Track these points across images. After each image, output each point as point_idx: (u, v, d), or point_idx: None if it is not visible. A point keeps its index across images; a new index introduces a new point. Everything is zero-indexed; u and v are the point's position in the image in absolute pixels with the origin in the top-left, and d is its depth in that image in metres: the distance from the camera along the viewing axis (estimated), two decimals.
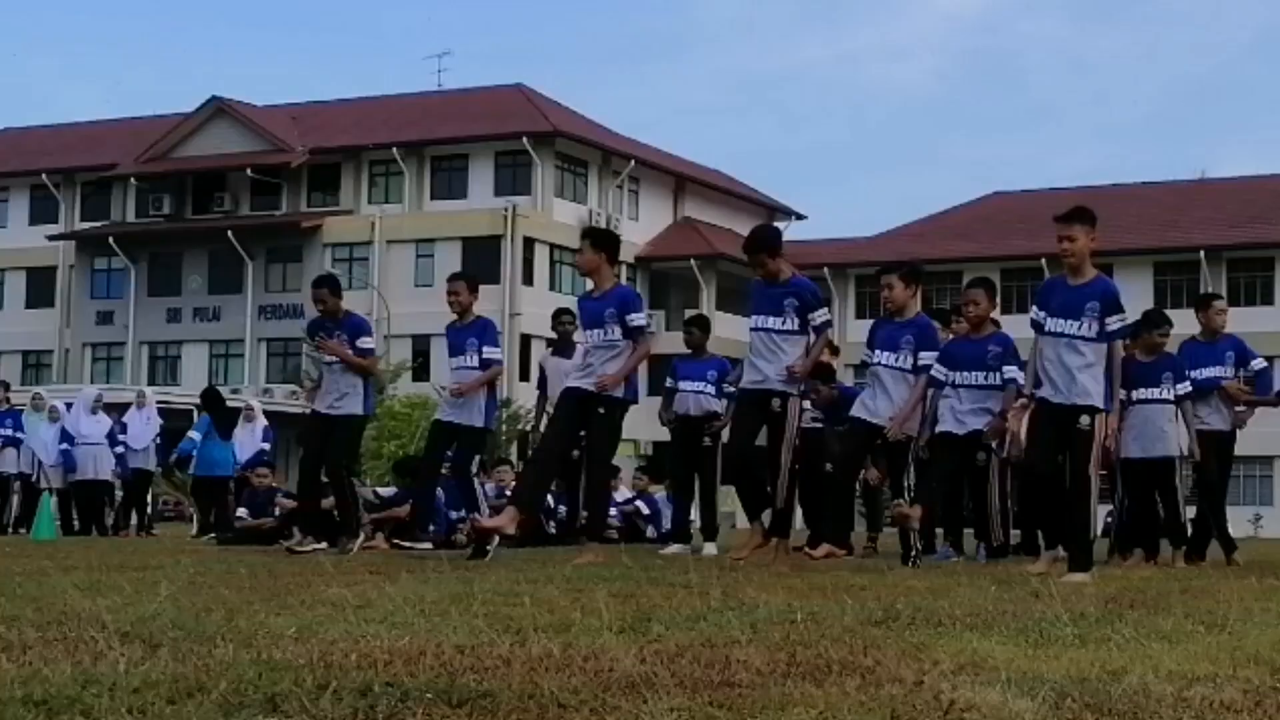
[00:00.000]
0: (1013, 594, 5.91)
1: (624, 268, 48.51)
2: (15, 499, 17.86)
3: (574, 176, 48.29)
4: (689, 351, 12.39)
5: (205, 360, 48.58)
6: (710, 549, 11.59)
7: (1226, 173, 58.55)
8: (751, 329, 9.13)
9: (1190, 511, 11.07)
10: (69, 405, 18.40)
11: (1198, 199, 50.76)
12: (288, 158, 48.53)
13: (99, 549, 10.96)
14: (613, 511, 16.09)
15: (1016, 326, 12.43)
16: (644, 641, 3.72)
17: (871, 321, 10.13)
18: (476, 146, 47.48)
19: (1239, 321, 11.17)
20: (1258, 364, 10.91)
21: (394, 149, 47.41)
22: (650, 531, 15.38)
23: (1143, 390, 10.70)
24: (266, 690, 2.70)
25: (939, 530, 11.62)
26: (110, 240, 49.71)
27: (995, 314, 11.91)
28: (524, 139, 45.82)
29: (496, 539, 9.40)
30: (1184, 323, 11.60)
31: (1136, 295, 41.13)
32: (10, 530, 17.15)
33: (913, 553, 9.04)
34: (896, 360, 9.07)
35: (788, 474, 9.03)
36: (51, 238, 51.10)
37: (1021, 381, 8.44)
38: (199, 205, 50.30)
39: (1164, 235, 48.35)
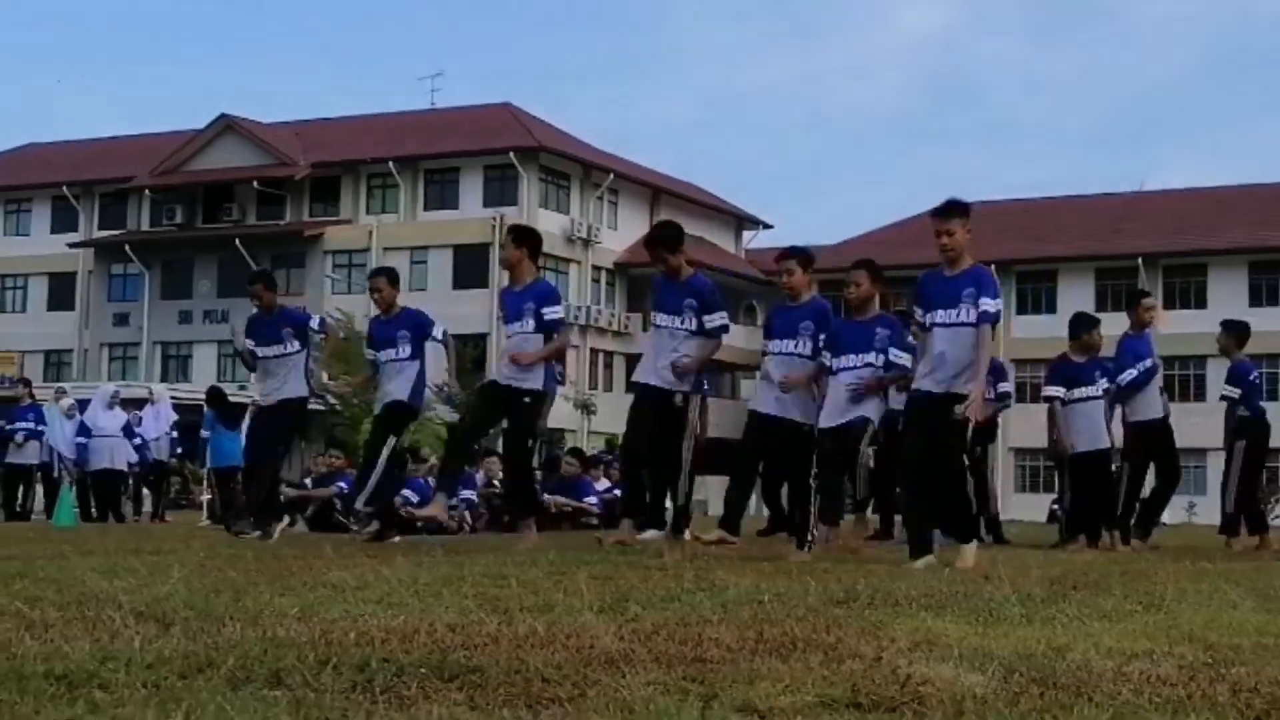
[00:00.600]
0: (964, 577, 5.93)
1: (604, 273, 48.64)
2: (38, 488, 17.91)
3: (557, 189, 48.21)
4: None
5: (214, 359, 48.30)
6: (652, 533, 11.66)
7: (1164, 185, 58.84)
8: (653, 325, 8.48)
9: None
10: (86, 402, 18.40)
11: (1137, 209, 50.96)
12: (291, 171, 48.43)
13: (115, 535, 10.91)
14: (593, 500, 16.13)
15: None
16: (622, 621, 3.72)
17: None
18: (466, 161, 47.38)
19: (1180, 324, 11.20)
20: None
21: (390, 163, 47.30)
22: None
23: (1081, 389, 10.77)
24: (271, 666, 2.70)
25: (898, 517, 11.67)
26: (126, 248, 49.55)
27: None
28: (510, 154, 45.75)
29: (396, 536, 9.38)
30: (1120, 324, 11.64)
31: (1079, 299, 41.52)
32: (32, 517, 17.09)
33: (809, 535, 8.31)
34: (796, 347, 8.18)
35: (687, 471, 8.32)
36: (72, 245, 50.86)
37: (909, 367, 7.86)
38: (209, 215, 50.13)
39: (1105, 243, 48.54)
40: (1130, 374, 10.55)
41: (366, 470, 9.59)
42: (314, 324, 10.29)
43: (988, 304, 7.03)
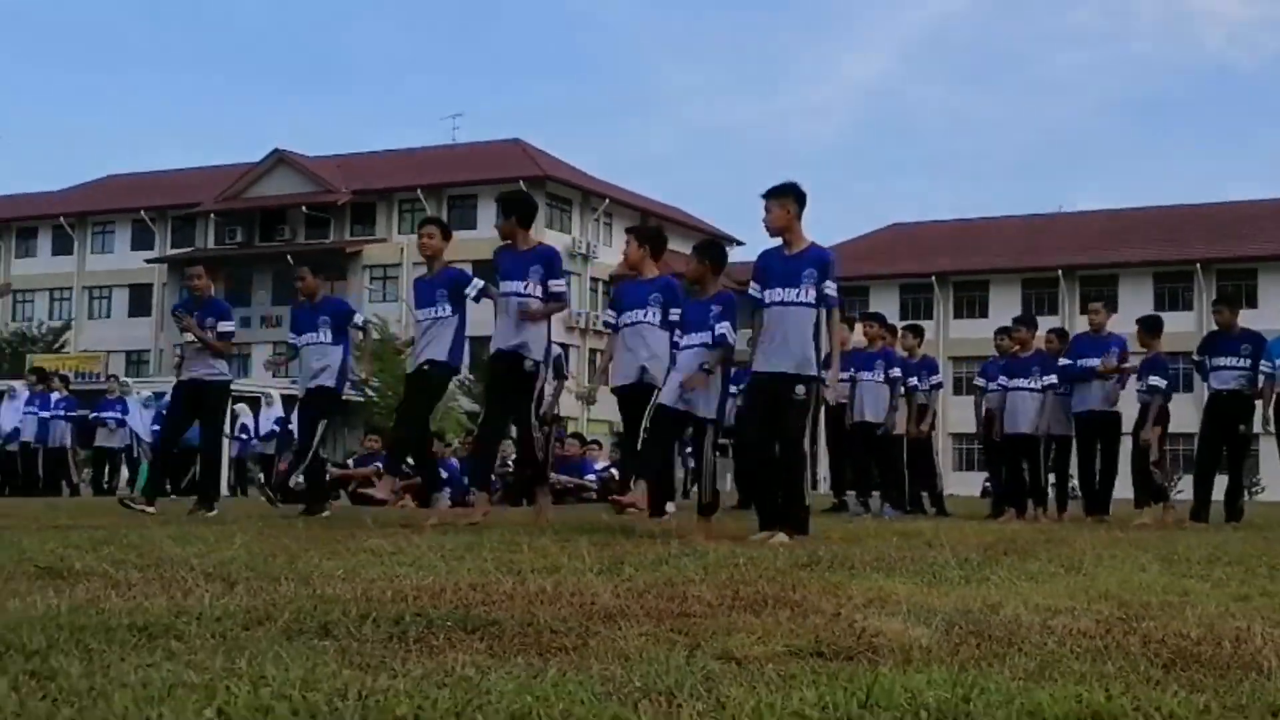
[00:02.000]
0: (911, 544, 5.92)
1: (600, 284, 48.60)
2: (124, 468, 18.01)
3: (561, 212, 48.17)
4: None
5: (271, 356, 48.34)
6: (670, 507, 11.49)
7: (1079, 207, 58.87)
8: (502, 294, 7.41)
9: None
10: (163, 393, 18.46)
11: (1056, 228, 51.01)
12: (335, 197, 48.42)
13: (186, 507, 10.88)
14: (592, 476, 16.11)
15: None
16: (618, 580, 3.71)
17: None
18: (483, 188, 47.28)
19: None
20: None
21: (418, 190, 47.35)
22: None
23: (1017, 380, 10.79)
24: (320, 619, 2.69)
25: (850, 491, 11.69)
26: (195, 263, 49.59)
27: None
28: (520, 182, 45.59)
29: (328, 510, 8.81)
30: (1043, 328, 11.66)
31: (1007, 306, 41.52)
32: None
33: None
34: (646, 316, 7.56)
35: (542, 435, 7.70)
36: (149, 261, 50.82)
37: (732, 340, 6.74)
38: (264, 235, 50.07)
39: (1029, 257, 48.60)
40: (1051, 378, 10.66)
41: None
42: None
43: (830, 288, 6.26)
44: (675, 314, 7.52)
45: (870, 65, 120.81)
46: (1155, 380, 10.26)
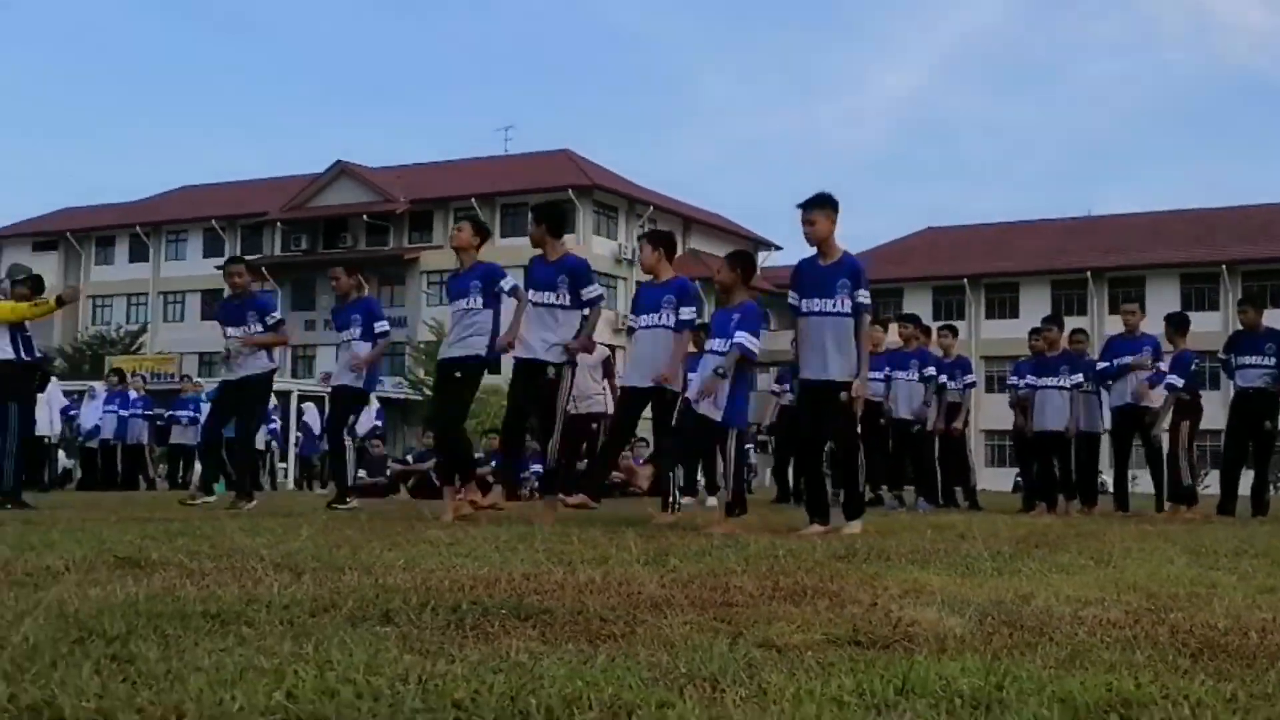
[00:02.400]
0: (945, 536, 5.87)
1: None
2: (197, 464, 18.15)
3: (607, 219, 48.21)
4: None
5: (333, 359, 48.61)
6: (712, 501, 11.43)
7: (1107, 211, 58.18)
8: (531, 303, 7.27)
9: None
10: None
11: (1085, 231, 50.42)
12: (394, 206, 48.72)
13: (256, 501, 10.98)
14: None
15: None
16: (664, 571, 3.71)
17: None
18: (533, 196, 47.22)
19: (1120, 327, 11.05)
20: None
21: (472, 199, 47.44)
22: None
23: (1046, 379, 10.68)
24: (382, 607, 2.71)
25: (884, 486, 11.61)
26: (263, 269, 49.86)
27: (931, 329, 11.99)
28: (569, 191, 45.81)
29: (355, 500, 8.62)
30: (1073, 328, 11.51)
31: (1038, 307, 41.05)
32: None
33: (671, 500, 7.71)
34: (660, 320, 7.25)
35: (559, 436, 7.31)
36: (219, 267, 51.15)
37: (751, 348, 6.50)
38: (328, 243, 50.43)
39: (1058, 260, 48.02)
40: (1078, 377, 10.57)
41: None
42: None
43: (862, 295, 6.27)
44: (687, 313, 7.26)
45: (906, 76, 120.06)
46: (1173, 379, 10.16)
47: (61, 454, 18.92)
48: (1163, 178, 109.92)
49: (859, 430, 6.65)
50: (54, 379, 19.51)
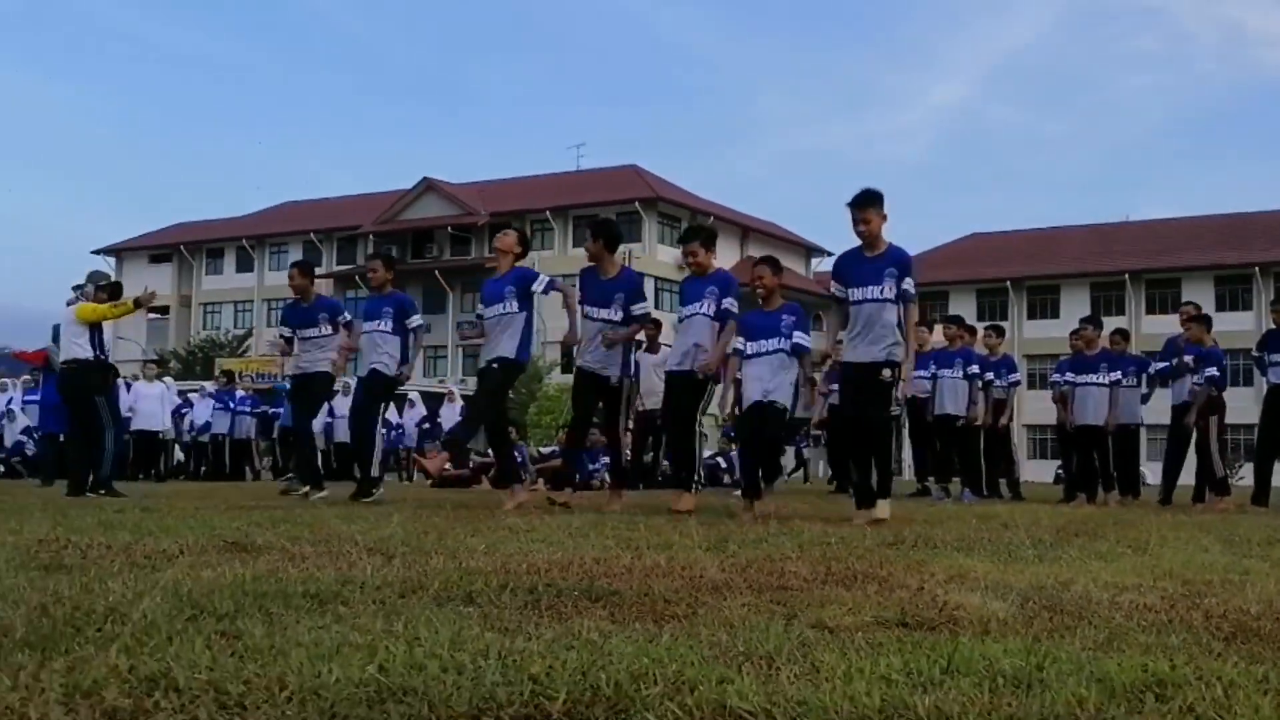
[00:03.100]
0: (988, 525, 5.79)
1: None
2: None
3: (671, 229, 48.07)
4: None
5: (421, 361, 49.22)
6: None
7: (1144, 216, 56.75)
8: (586, 318, 7.28)
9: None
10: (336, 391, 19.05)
11: (1123, 235, 49.34)
12: (475, 219, 49.12)
13: (350, 491, 11.13)
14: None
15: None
16: (724, 557, 3.69)
17: None
18: (604, 209, 47.42)
19: (1161, 326, 10.83)
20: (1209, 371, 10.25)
21: (547, 212, 47.79)
22: (726, 479, 15.42)
23: (1084, 375, 10.49)
24: (465, 588, 2.72)
25: (932, 478, 11.47)
26: (356, 278, 50.72)
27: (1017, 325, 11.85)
28: (636, 203, 45.93)
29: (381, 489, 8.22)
30: (1110, 328, 11.27)
31: (1078, 308, 40.21)
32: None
33: (695, 479, 7.21)
34: (701, 308, 7.05)
35: (620, 438, 7.44)
36: (317, 277, 52.20)
37: (808, 345, 6.75)
38: (415, 253, 51.04)
39: (1098, 262, 47.05)
40: (1116, 374, 10.38)
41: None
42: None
43: (909, 284, 6.11)
44: (729, 303, 7.05)
45: (951, 90, 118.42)
46: (1212, 371, 9.96)
47: (175, 447, 19.36)
48: (1196, 183, 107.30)
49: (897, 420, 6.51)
50: (169, 379, 19.99)
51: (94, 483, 8.79)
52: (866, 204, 6.15)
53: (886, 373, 6.04)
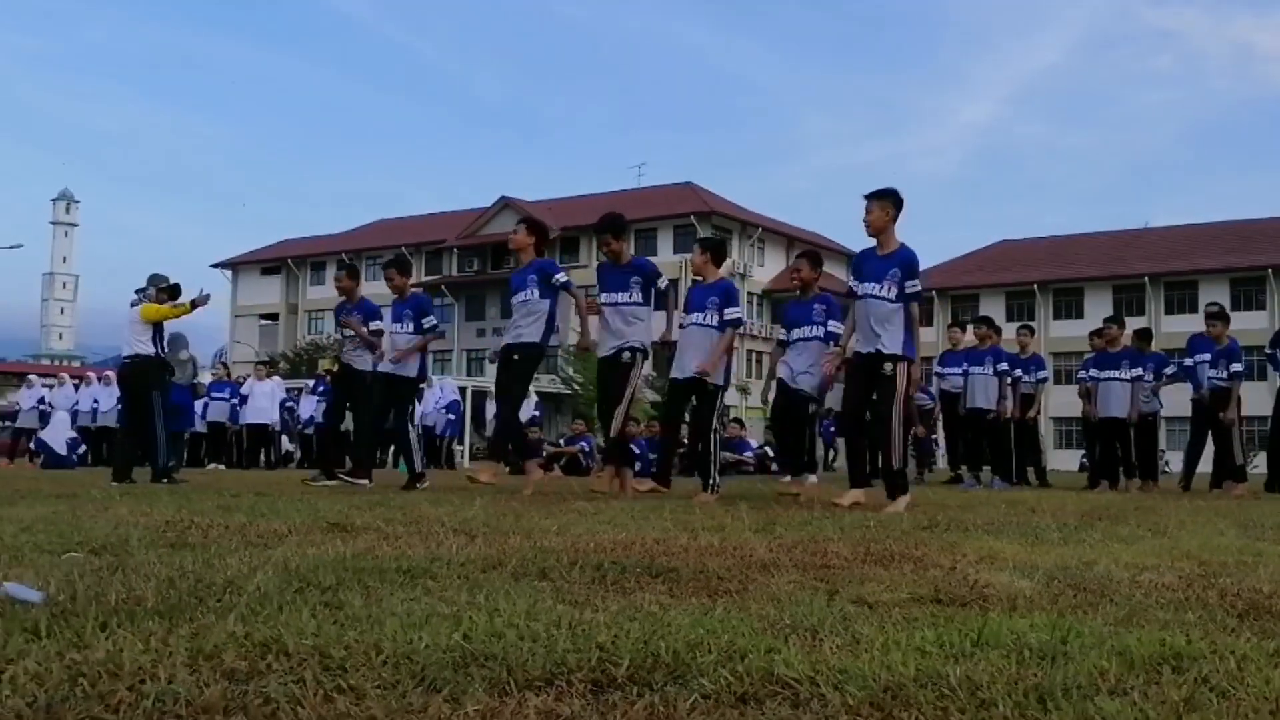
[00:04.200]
0: (1017, 510, 5.70)
1: (755, 298, 48.14)
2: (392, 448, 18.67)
3: (724, 239, 48.15)
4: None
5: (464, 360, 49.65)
6: (812, 479, 11.18)
7: (1162, 222, 55.33)
8: (602, 304, 6.91)
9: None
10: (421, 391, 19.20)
11: (1143, 241, 48.10)
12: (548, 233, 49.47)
13: (438, 479, 11.27)
14: (749, 453, 16.03)
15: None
16: (771, 538, 3.68)
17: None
18: (662, 222, 47.66)
19: (1179, 325, 10.55)
20: (1234, 367, 9.88)
21: None
22: (774, 467, 15.32)
23: (1107, 371, 10.30)
24: (540, 565, 2.74)
25: (964, 466, 11.30)
26: (442, 287, 51.35)
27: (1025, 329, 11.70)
28: (691, 217, 45.86)
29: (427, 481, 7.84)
30: (1132, 327, 11.02)
31: (1100, 309, 39.32)
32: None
33: (711, 482, 6.76)
34: (704, 319, 6.74)
35: (623, 417, 6.86)
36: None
37: (741, 320, 6.55)
38: (494, 265, 51.43)
39: (1118, 266, 45.91)
40: (1138, 370, 10.16)
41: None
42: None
43: (910, 286, 5.76)
44: (730, 312, 6.69)
45: (980, 110, 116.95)
46: (1237, 366, 9.72)
47: (284, 439, 19.73)
48: (1211, 192, 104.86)
49: (907, 410, 6.08)
50: (277, 377, 20.38)
51: (154, 474, 8.45)
52: (872, 196, 5.80)
53: (888, 366, 5.72)
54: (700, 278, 6.88)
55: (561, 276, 7.07)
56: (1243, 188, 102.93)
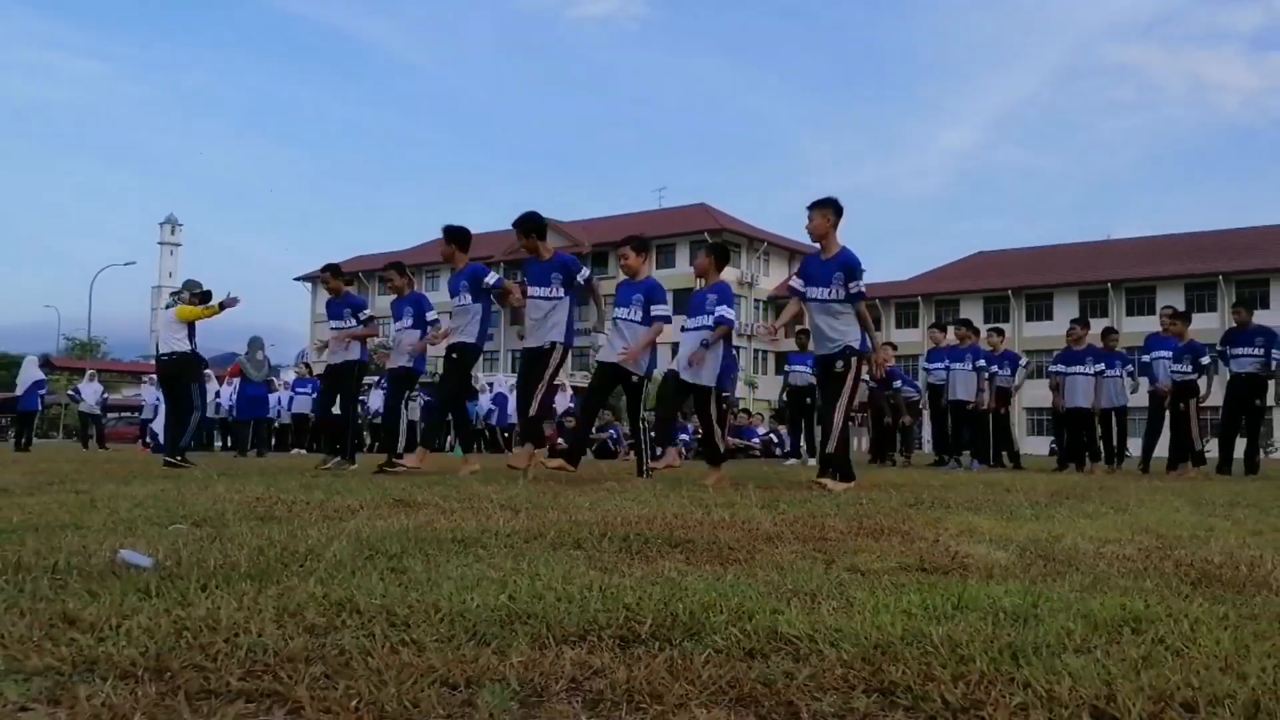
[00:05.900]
0: (993, 490, 5.64)
1: (760, 304, 47.95)
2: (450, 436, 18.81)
3: (732, 253, 47.95)
4: (797, 349, 12.09)
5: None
6: (812, 462, 11.08)
7: (1124, 235, 54.57)
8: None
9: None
10: (490, 383, 19.45)
11: (1105, 251, 47.49)
12: (580, 249, 49.09)
13: (487, 463, 11.28)
14: (755, 440, 15.97)
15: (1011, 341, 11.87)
16: (776, 513, 3.67)
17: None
18: (679, 239, 47.58)
19: (1139, 326, 10.41)
20: (1203, 360, 9.72)
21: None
22: (778, 452, 15.27)
23: (1073, 366, 10.23)
24: (574, 537, 2.75)
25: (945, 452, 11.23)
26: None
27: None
28: (704, 234, 45.76)
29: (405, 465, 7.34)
30: (1097, 328, 10.88)
31: (1068, 312, 38.88)
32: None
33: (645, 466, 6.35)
34: (629, 314, 6.31)
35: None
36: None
37: (730, 319, 6.05)
38: None
39: (1085, 274, 45.29)
40: (1100, 367, 10.08)
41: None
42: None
43: (854, 286, 5.40)
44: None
45: (962, 136, 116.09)
46: (1205, 360, 9.64)
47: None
48: (1168, 207, 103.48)
49: (852, 400, 5.53)
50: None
51: (169, 450, 8.25)
52: (813, 205, 5.49)
53: (839, 364, 5.45)
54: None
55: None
56: (1197, 202, 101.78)
